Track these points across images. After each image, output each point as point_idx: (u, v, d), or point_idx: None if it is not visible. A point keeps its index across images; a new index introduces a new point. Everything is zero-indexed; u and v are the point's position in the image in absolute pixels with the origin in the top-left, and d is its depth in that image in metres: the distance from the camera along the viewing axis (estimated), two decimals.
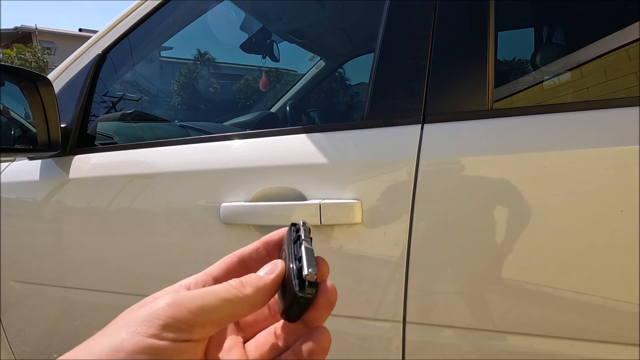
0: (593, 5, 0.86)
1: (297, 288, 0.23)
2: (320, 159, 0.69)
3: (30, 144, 0.98)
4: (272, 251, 0.28)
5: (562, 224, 0.55)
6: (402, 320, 0.64)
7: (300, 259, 0.24)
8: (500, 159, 0.59)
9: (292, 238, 0.25)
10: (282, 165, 0.72)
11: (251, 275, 0.25)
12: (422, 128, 0.64)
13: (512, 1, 0.97)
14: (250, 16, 1.51)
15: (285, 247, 0.26)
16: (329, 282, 0.25)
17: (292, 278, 0.23)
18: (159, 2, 0.91)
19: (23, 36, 20.39)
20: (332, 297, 0.25)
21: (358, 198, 0.65)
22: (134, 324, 0.20)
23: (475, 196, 0.60)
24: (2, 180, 1.00)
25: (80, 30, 22.80)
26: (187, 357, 0.21)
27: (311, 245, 0.24)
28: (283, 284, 0.25)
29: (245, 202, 0.73)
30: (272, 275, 0.25)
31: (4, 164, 1.03)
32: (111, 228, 0.86)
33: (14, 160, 1.03)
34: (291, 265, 0.24)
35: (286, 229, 0.27)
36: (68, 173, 0.91)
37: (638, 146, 0.52)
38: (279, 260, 0.26)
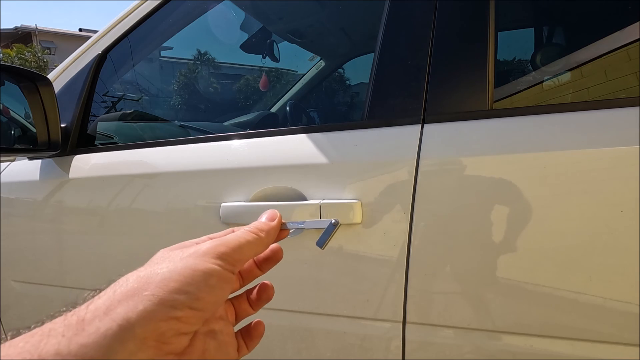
0: (593, 5, 0.86)
1: None
2: (320, 159, 0.69)
3: (30, 144, 0.98)
4: None
5: (561, 224, 0.55)
6: (402, 320, 0.64)
7: None
8: (500, 159, 0.59)
9: None
10: (282, 165, 0.72)
11: (259, 222, 0.32)
12: (422, 128, 0.64)
13: (512, 1, 0.97)
14: (250, 16, 1.51)
15: None
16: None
17: None
18: (159, 2, 0.91)
19: (23, 36, 20.39)
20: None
21: (358, 198, 0.65)
22: (197, 255, 0.26)
23: (475, 196, 0.60)
24: (2, 180, 1.00)
25: (80, 30, 22.79)
26: (232, 285, 0.28)
27: None
28: None
29: (245, 202, 0.73)
30: (276, 221, 0.32)
31: (4, 164, 1.03)
32: (111, 228, 0.86)
33: (14, 160, 1.03)
34: None
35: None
36: (68, 173, 0.91)
37: (638, 146, 0.52)
38: (274, 210, 0.34)
